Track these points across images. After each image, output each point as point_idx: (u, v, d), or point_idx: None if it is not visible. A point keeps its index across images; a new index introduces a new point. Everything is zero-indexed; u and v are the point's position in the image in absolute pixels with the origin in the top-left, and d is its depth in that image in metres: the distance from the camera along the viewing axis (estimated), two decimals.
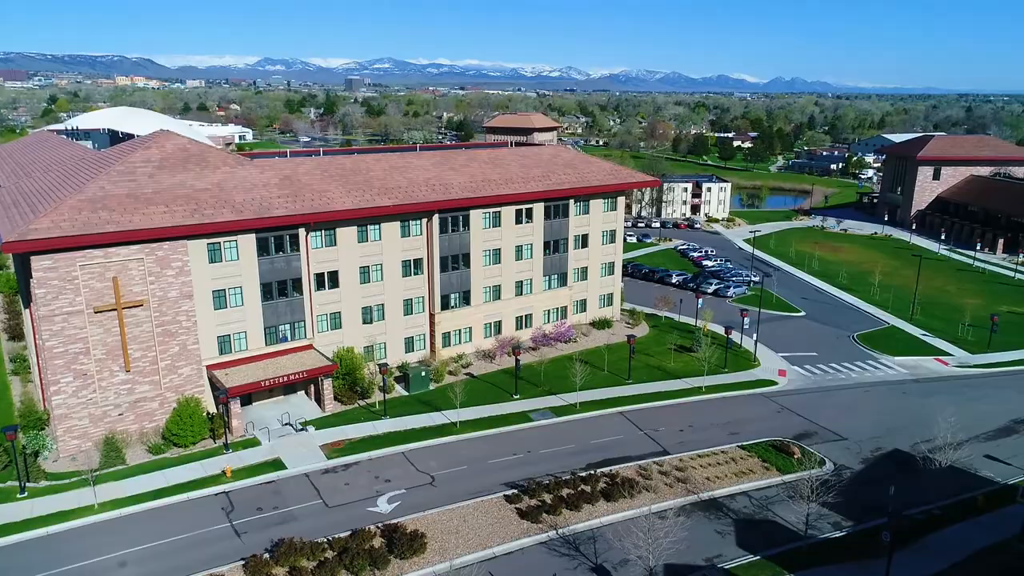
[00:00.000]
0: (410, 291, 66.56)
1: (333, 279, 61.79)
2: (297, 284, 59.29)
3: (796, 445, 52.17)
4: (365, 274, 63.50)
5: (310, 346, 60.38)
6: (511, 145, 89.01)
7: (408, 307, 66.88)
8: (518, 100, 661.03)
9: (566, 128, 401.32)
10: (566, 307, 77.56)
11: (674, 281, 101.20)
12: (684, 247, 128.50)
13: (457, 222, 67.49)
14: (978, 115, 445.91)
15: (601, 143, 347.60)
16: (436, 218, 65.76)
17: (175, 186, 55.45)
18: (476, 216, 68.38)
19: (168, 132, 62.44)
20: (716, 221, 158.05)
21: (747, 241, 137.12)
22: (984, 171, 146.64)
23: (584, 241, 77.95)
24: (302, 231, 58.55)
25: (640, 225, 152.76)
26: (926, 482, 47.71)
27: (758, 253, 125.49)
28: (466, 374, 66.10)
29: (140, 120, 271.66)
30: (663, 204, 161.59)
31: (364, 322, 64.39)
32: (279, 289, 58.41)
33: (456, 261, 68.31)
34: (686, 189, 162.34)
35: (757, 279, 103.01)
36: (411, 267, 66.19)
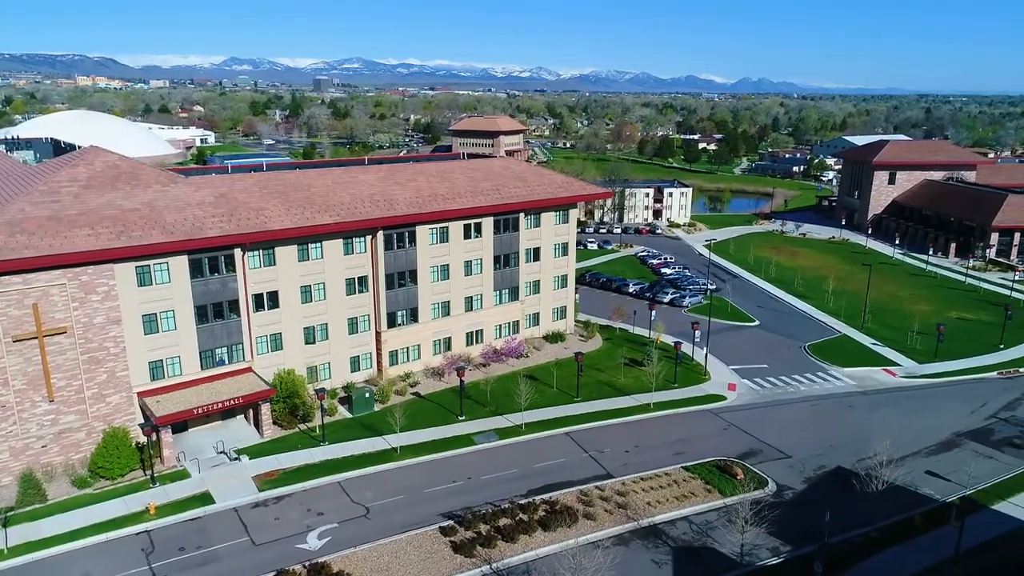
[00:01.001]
0: (355, 309, 65.05)
1: (273, 299, 60.03)
2: (234, 305, 57.45)
3: (739, 465, 51.84)
4: (307, 293, 61.86)
5: (249, 369, 58.58)
6: (464, 157, 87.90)
7: (353, 326, 65.35)
8: (487, 101, 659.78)
9: (533, 130, 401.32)
10: (518, 321, 76.62)
11: (631, 290, 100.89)
12: (644, 254, 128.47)
13: (403, 238, 66.13)
14: (936, 116, 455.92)
15: (568, 145, 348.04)
16: (381, 235, 64.34)
17: (102, 207, 53.32)
18: (423, 232, 67.08)
19: (98, 149, 60.19)
20: (678, 226, 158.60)
21: (707, 246, 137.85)
22: (938, 175, 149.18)
23: (536, 255, 77.09)
24: (238, 251, 56.73)
25: (602, 231, 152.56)
26: (866, 502, 47.64)
27: (717, 259, 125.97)
28: (413, 393, 64.80)
29: (93, 124, 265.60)
30: (625, 209, 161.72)
31: (307, 342, 62.74)
32: (215, 311, 56.52)
33: (403, 278, 66.96)
34: (648, 194, 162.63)
35: (714, 287, 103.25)
36: (356, 285, 64.68)
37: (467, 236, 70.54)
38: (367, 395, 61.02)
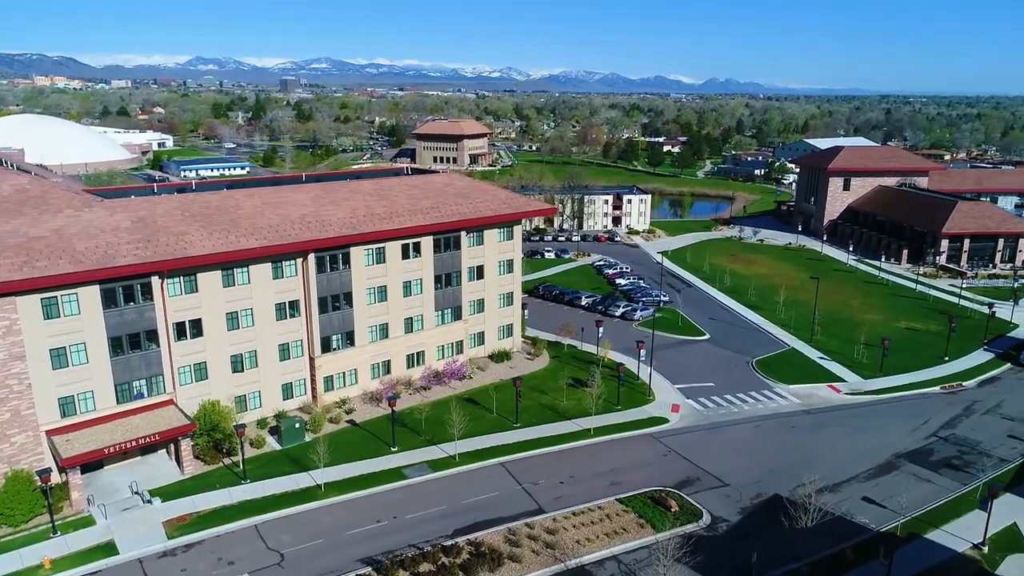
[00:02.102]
0: (286, 335, 62.63)
1: (196, 327, 57.37)
2: (152, 335, 54.75)
3: (674, 496, 50.62)
4: (233, 320, 59.29)
5: (171, 402, 55.92)
6: (408, 172, 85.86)
7: (285, 352, 62.93)
8: (456, 102, 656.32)
9: (499, 133, 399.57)
10: (462, 341, 74.79)
11: (583, 303, 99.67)
12: (601, 263, 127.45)
13: (336, 260, 63.88)
14: (896, 118, 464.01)
15: (534, 148, 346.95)
16: (312, 257, 62.02)
17: (6, 235, 50.37)
18: (357, 253, 64.89)
19: (4, 170, 56.94)
20: (637, 233, 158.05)
21: (664, 255, 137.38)
22: (892, 181, 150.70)
23: (479, 272, 75.32)
24: (155, 279, 54.05)
25: (561, 239, 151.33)
26: (799, 535, 46.65)
27: (673, 268, 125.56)
28: (348, 421, 62.61)
29: (42, 129, 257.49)
30: (585, 216, 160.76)
31: (235, 371, 60.19)
32: (131, 342, 53.78)
33: (337, 301, 64.70)
34: (607, 201, 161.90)
35: (667, 299, 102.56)
36: (286, 309, 62.26)
37: (406, 256, 68.52)
38: (297, 425, 58.71)
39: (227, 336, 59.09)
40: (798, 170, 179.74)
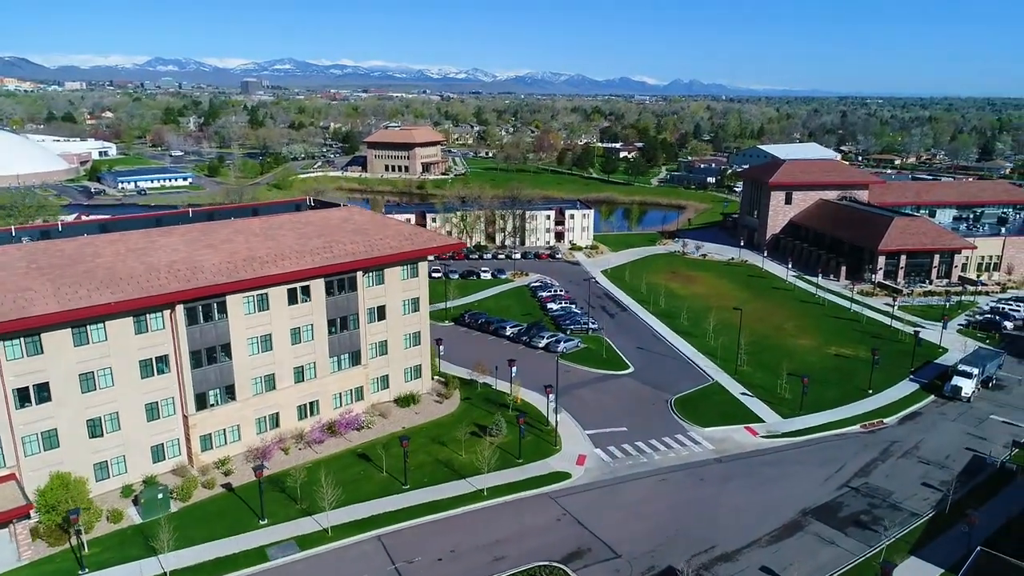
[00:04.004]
0: (154, 393, 57.49)
1: (43, 392, 52.02)
2: None
3: (559, 574, 46.79)
4: (88, 381, 54.00)
5: (12, 476, 50.50)
6: (310, 204, 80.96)
7: (153, 411, 57.79)
8: (418, 105, 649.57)
9: (457, 139, 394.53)
10: (362, 387, 70.25)
11: (508, 333, 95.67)
12: (537, 284, 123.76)
13: (210, 311, 58.88)
14: (851, 122, 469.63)
15: (490, 155, 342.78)
16: (180, 309, 56.96)
17: None
18: (235, 301, 59.93)
19: None
20: (579, 249, 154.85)
21: (604, 273, 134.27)
22: (833, 195, 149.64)
23: (381, 313, 70.85)
24: None
25: (501, 256, 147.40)
26: None
27: (611, 288, 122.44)
28: (224, 485, 57.63)
29: None
30: (527, 232, 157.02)
31: (92, 436, 54.92)
32: None
33: (213, 353, 59.70)
34: (549, 216, 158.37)
35: (595, 326, 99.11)
36: (153, 366, 57.09)
37: (293, 301, 63.74)
38: (160, 495, 53.62)
39: (82, 399, 53.77)
40: (741, 183, 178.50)
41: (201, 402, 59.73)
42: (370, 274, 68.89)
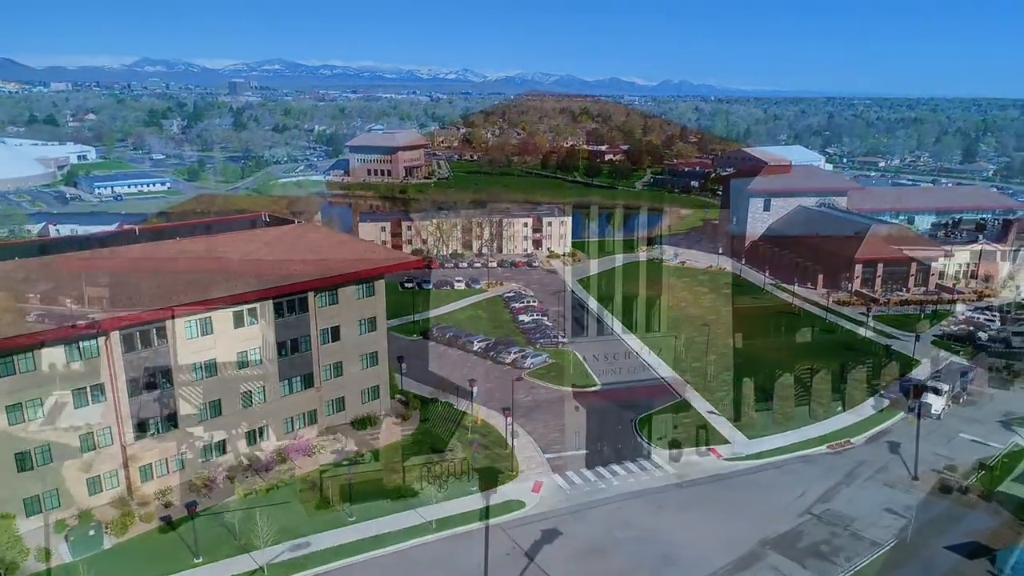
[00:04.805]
0: (89, 423, 55.16)
1: None
2: None
3: None
4: (16, 412, 51.69)
5: None
6: (265, 218, 78.78)
7: (88, 442, 55.49)
8: (406, 106, 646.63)
9: (441, 141, 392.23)
10: (315, 411, 68.16)
11: (475, 348, 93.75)
12: (511, 294, 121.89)
13: (149, 336, 56.66)
14: (838, 123, 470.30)
15: (474, 158, 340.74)
16: (116, 335, 54.74)
17: None
18: (177, 325, 57.73)
19: None
20: (557, 257, 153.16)
21: (580, 282, 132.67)
22: (811, 202, 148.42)
23: (335, 334, 68.69)
24: None
25: (478, 265, 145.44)
26: None
27: (586, 298, 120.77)
28: (163, 518, 55.40)
29: None
30: (505, 239, 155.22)
31: (22, 469, 52.60)
32: None
33: (153, 379, 57.49)
34: (526, 224, 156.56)
35: (565, 340, 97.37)
36: (87, 395, 54.79)
37: (239, 325, 61.57)
38: (92, 532, 51.45)
39: (8, 431, 51.46)
40: (721, 189, 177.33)
41: (141, 431, 57.52)
42: (324, 294, 66.78)
